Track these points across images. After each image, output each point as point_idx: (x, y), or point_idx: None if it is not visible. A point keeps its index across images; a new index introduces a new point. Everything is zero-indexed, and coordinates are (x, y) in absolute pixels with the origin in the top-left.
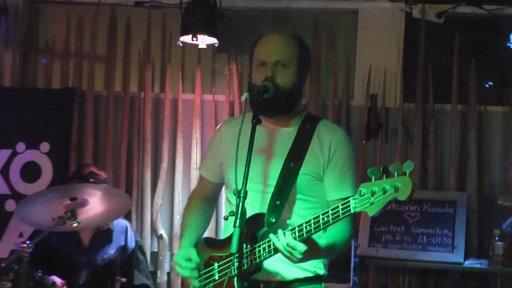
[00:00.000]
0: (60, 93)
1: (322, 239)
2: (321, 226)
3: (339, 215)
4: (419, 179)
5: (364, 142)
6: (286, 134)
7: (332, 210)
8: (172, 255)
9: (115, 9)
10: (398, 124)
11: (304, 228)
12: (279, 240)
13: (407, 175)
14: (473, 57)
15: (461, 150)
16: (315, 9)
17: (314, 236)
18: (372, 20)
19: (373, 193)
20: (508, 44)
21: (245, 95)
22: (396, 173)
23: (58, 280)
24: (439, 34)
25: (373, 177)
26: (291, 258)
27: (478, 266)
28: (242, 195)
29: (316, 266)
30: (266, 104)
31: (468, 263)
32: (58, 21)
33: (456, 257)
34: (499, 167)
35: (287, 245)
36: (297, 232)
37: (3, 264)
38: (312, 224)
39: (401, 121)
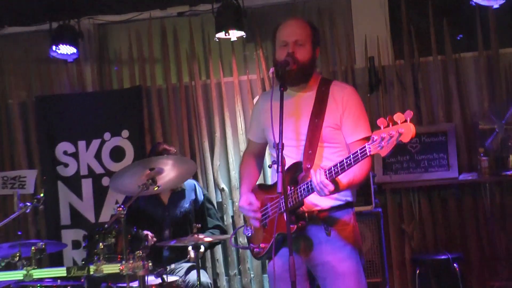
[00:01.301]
0: (131, 91)
1: (344, 177)
2: (346, 168)
3: (358, 158)
4: (415, 117)
5: (368, 95)
6: (308, 97)
7: (353, 154)
8: (233, 203)
9: (164, 20)
10: (393, 77)
11: (333, 170)
12: (315, 177)
13: (408, 121)
14: (445, 17)
15: (445, 90)
16: None
17: (339, 176)
18: None
19: (382, 138)
20: (470, 2)
21: (271, 70)
22: (399, 121)
23: (149, 234)
24: (415, 2)
25: (381, 126)
26: (319, 193)
27: (470, 178)
28: (280, 146)
29: (346, 195)
30: (289, 75)
31: (462, 177)
32: (121, 36)
33: (452, 173)
34: (476, 100)
35: (320, 182)
36: (327, 173)
37: (106, 226)
38: (339, 167)
39: (395, 75)
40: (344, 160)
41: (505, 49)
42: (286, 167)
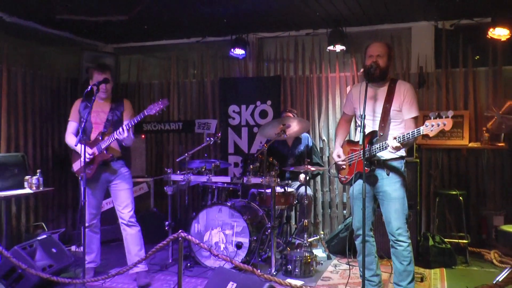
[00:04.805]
0: (274, 78)
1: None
2: (405, 140)
3: (414, 134)
4: (445, 105)
5: (417, 89)
6: (382, 90)
7: (411, 132)
8: (328, 148)
9: (297, 37)
10: (433, 80)
11: (398, 139)
12: (391, 142)
13: (450, 117)
14: (469, 44)
15: (465, 90)
16: (391, 29)
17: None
18: (418, 30)
19: (432, 125)
20: (487, 36)
21: (361, 70)
22: (443, 115)
23: (276, 162)
24: (451, 34)
25: (431, 116)
26: (393, 151)
27: (475, 146)
28: (363, 117)
29: (401, 152)
30: (372, 75)
31: (470, 144)
32: (271, 45)
33: (464, 141)
34: (484, 97)
35: (393, 145)
36: (398, 140)
37: (255, 155)
38: (401, 138)
39: (435, 79)
40: (405, 134)
41: (506, 66)
42: (366, 132)
